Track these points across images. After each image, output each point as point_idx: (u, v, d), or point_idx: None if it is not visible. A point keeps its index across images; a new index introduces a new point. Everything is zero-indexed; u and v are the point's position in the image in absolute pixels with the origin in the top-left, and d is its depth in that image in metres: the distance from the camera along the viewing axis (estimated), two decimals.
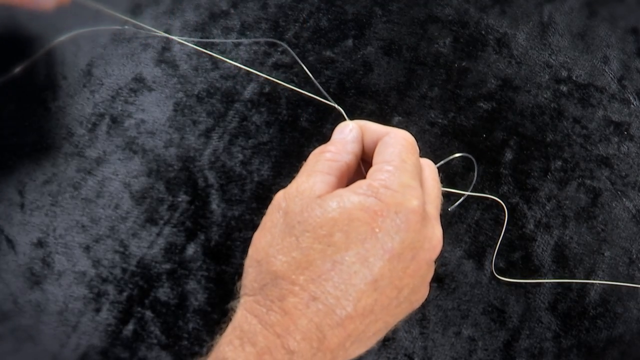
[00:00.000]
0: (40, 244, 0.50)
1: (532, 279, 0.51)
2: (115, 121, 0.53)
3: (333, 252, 0.37)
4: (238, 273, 0.40)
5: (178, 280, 0.49)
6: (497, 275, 0.51)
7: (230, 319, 0.38)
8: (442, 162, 0.52)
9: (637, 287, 0.51)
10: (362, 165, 0.44)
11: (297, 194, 0.39)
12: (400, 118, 0.55)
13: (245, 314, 0.38)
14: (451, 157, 0.53)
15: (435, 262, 0.42)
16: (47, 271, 0.49)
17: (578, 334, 0.50)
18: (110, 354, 0.47)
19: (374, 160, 0.41)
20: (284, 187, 0.40)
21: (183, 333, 0.48)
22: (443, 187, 0.47)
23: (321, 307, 0.37)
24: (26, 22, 0.54)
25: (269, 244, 0.39)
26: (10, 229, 0.50)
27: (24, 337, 0.47)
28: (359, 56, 0.57)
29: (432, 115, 0.55)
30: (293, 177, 0.41)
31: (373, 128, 0.43)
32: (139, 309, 0.48)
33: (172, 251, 0.50)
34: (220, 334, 0.38)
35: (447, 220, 0.52)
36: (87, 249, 0.50)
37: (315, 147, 0.43)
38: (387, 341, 0.49)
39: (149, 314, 0.48)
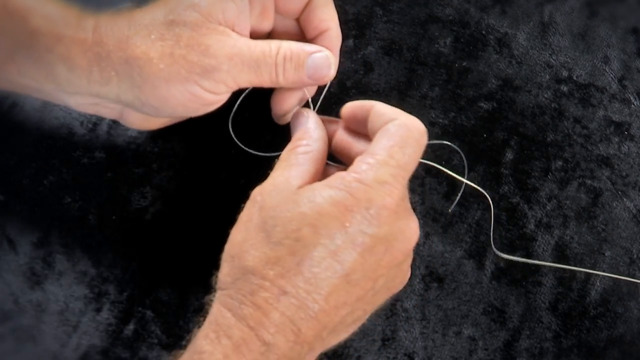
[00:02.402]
0: (41, 243, 0.50)
1: (533, 278, 0.51)
2: (115, 121, 0.53)
3: (302, 246, 0.37)
4: (215, 266, 0.40)
5: (179, 279, 0.49)
6: (497, 252, 0.51)
7: (207, 313, 0.39)
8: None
9: (638, 283, 0.51)
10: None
11: (272, 188, 0.40)
12: None
13: (220, 307, 0.38)
14: (432, 142, 0.52)
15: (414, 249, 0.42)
16: (48, 271, 0.49)
17: (579, 333, 0.50)
18: (111, 354, 0.47)
19: (369, 147, 0.41)
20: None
21: (184, 333, 0.48)
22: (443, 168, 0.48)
23: (293, 301, 0.37)
24: None
25: (244, 239, 0.39)
26: (11, 228, 0.50)
27: (25, 337, 0.47)
28: (359, 56, 0.57)
29: (433, 115, 0.55)
30: (268, 174, 0.41)
31: (382, 111, 0.43)
32: (140, 308, 0.48)
33: (173, 250, 0.50)
34: (198, 328, 0.38)
35: (448, 220, 0.52)
36: (88, 248, 0.50)
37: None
38: (387, 341, 0.49)
39: (149, 313, 0.48)
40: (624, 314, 0.51)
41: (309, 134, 0.43)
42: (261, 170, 0.49)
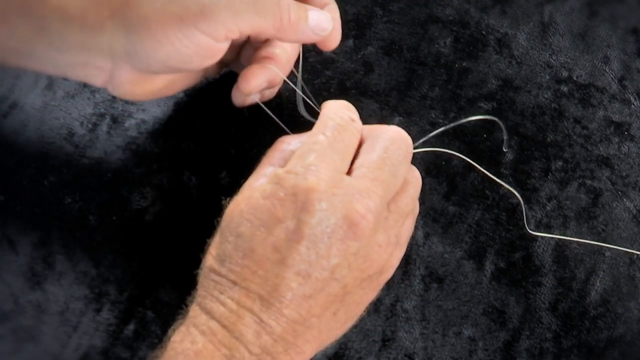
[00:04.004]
0: (41, 243, 0.50)
1: (533, 278, 0.51)
2: (115, 121, 0.53)
3: (243, 241, 0.39)
4: None
5: (179, 279, 0.49)
6: (530, 231, 0.51)
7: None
8: (462, 121, 0.52)
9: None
10: None
11: (242, 190, 0.42)
12: (400, 118, 0.55)
13: (192, 305, 0.40)
14: (470, 118, 0.53)
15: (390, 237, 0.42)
16: (48, 271, 0.49)
17: (579, 334, 0.50)
18: (111, 354, 0.47)
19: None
20: None
21: None
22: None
23: (246, 292, 0.38)
24: None
25: (211, 243, 0.42)
26: (11, 228, 0.50)
27: (25, 337, 0.47)
28: (359, 56, 0.57)
29: (433, 116, 0.55)
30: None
31: (324, 107, 0.45)
32: (140, 308, 0.48)
33: (174, 250, 0.50)
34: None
35: (448, 220, 0.52)
36: (88, 248, 0.50)
37: None
38: (387, 342, 0.49)
39: (150, 313, 0.48)
40: (624, 314, 0.51)
41: (300, 136, 0.44)
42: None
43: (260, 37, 0.47)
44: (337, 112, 0.44)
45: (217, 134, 0.53)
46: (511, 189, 0.51)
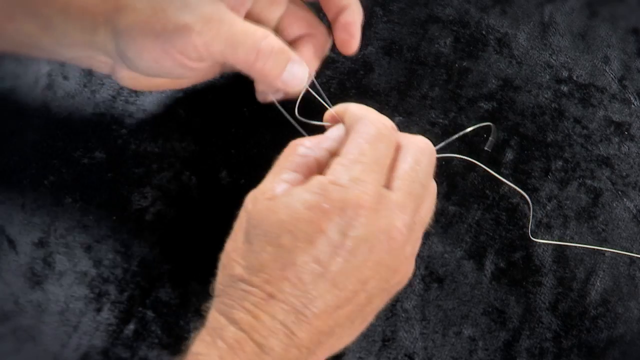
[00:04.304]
0: (41, 243, 0.50)
1: (533, 278, 0.51)
2: (116, 121, 0.53)
3: (283, 253, 0.38)
4: (215, 267, 0.41)
5: (179, 280, 0.49)
6: (532, 238, 0.51)
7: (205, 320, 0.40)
8: (461, 133, 0.52)
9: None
10: None
11: (260, 195, 0.40)
12: (401, 118, 0.55)
13: (214, 313, 0.39)
14: (470, 129, 0.53)
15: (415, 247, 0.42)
16: (48, 271, 0.49)
17: (579, 334, 0.50)
18: (111, 354, 0.47)
19: (338, 150, 0.41)
20: None
21: (184, 333, 0.48)
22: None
23: (282, 305, 0.37)
24: None
25: (233, 249, 0.40)
26: (11, 228, 0.50)
27: (25, 337, 0.47)
28: (359, 56, 0.57)
29: (433, 115, 0.55)
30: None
31: (353, 111, 0.43)
32: (140, 308, 0.49)
33: (174, 250, 0.50)
34: (195, 334, 0.39)
35: (448, 220, 0.52)
36: (89, 248, 0.50)
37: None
38: (387, 341, 0.49)
39: (150, 313, 0.48)
40: (624, 314, 0.51)
41: (320, 141, 0.43)
42: (262, 170, 0.49)
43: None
44: (379, 119, 0.42)
45: (217, 134, 0.53)
46: (524, 194, 0.51)
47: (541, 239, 0.52)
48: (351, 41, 0.48)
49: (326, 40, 0.49)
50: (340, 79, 0.56)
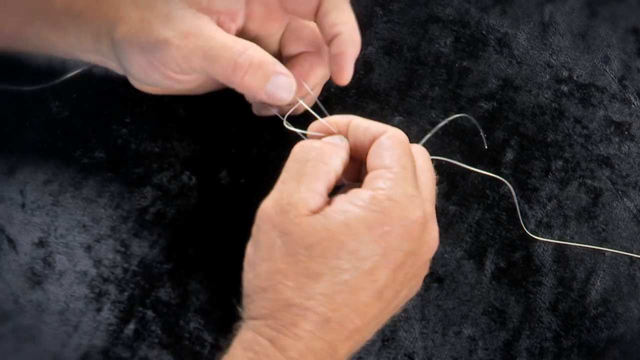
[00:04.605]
0: (41, 243, 0.50)
1: (533, 278, 0.51)
2: (116, 121, 0.53)
3: (341, 273, 0.37)
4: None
5: (179, 279, 0.49)
6: (529, 234, 0.51)
7: (232, 342, 0.39)
8: (438, 127, 0.50)
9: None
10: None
11: (290, 208, 0.38)
12: (401, 118, 0.55)
13: (256, 336, 0.37)
14: (447, 119, 0.51)
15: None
16: (48, 271, 0.49)
17: (579, 333, 0.50)
18: (111, 354, 0.47)
19: (370, 163, 0.40)
20: None
21: (184, 333, 0.48)
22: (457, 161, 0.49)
23: (334, 326, 0.37)
24: None
25: (272, 270, 0.38)
26: (11, 228, 0.50)
27: (25, 337, 0.47)
28: (359, 56, 0.56)
29: (433, 115, 0.55)
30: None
31: (365, 125, 0.42)
32: (140, 308, 0.48)
33: (174, 251, 0.50)
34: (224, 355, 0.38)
35: (448, 219, 0.52)
36: (89, 248, 0.50)
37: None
38: (387, 341, 0.49)
39: (150, 313, 0.48)
40: (624, 314, 0.51)
41: (334, 147, 0.41)
42: (262, 170, 0.50)
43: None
44: (399, 131, 0.42)
45: (217, 134, 0.53)
46: (505, 181, 0.51)
47: (541, 237, 0.52)
48: (341, 73, 0.45)
49: (326, 57, 0.48)
50: None
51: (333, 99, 0.55)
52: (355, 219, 0.37)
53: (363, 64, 0.56)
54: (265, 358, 0.37)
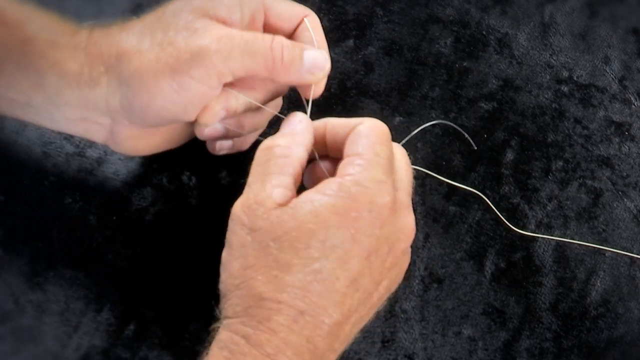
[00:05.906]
0: (41, 243, 0.50)
1: (533, 278, 0.51)
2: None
3: (312, 262, 0.37)
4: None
5: (179, 279, 0.49)
6: (512, 227, 0.52)
7: (210, 342, 0.38)
8: (415, 132, 0.51)
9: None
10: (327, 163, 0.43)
11: (257, 206, 0.38)
12: (401, 118, 0.55)
13: (231, 335, 0.37)
14: (425, 125, 0.52)
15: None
16: (48, 271, 0.49)
17: (579, 334, 0.50)
18: (111, 354, 0.47)
19: (345, 152, 0.40)
20: None
21: (184, 333, 0.48)
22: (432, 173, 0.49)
23: (309, 319, 0.36)
24: None
25: (244, 266, 0.38)
26: (11, 228, 0.50)
27: (25, 337, 0.47)
28: (360, 56, 0.57)
29: (433, 116, 0.55)
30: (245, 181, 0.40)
31: (341, 122, 0.42)
32: (140, 308, 0.48)
33: (174, 250, 0.50)
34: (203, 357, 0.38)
35: (448, 220, 0.52)
36: (89, 248, 0.50)
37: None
38: (386, 342, 0.49)
39: (150, 313, 0.48)
40: (625, 314, 0.51)
41: (292, 137, 0.41)
42: None
43: (255, 78, 0.45)
44: (378, 121, 0.42)
45: None
46: (478, 192, 0.51)
47: (541, 238, 0.52)
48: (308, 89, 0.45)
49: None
50: (341, 79, 0.56)
51: (333, 99, 0.55)
52: (322, 206, 0.37)
53: (363, 64, 0.56)
54: (241, 356, 0.36)
